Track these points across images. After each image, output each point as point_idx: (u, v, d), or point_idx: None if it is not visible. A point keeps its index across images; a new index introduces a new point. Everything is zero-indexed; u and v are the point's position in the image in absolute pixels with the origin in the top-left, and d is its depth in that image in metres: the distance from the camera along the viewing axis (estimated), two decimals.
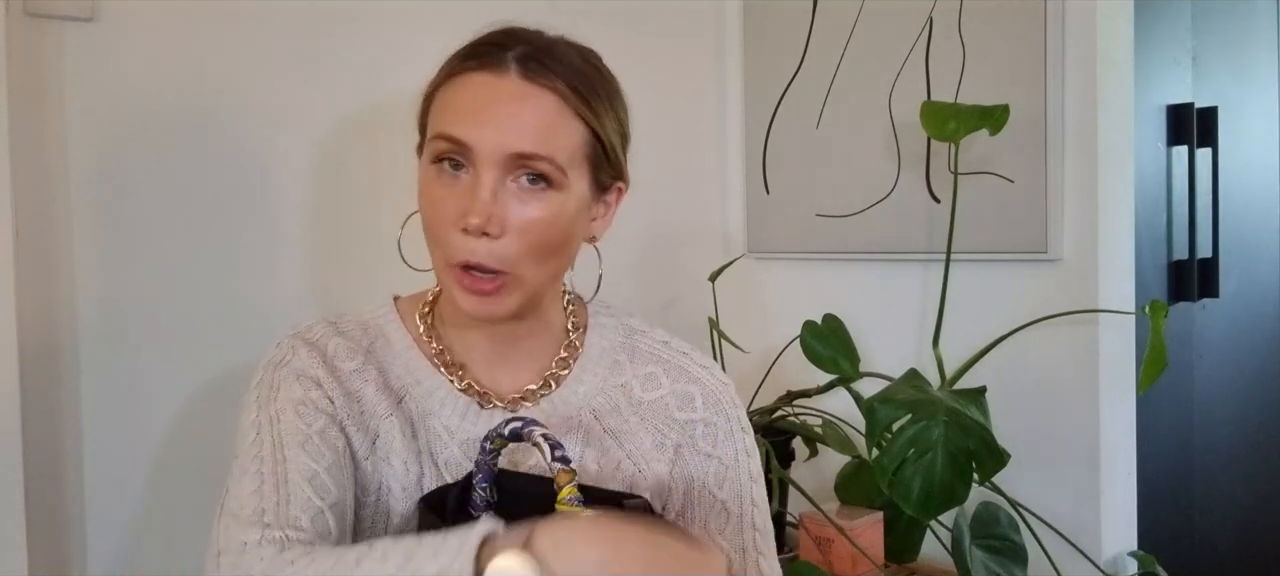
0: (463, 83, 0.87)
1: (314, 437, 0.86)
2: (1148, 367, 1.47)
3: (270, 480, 0.82)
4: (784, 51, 1.89)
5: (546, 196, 0.86)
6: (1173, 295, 1.93)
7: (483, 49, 0.88)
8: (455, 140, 0.85)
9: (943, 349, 1.60)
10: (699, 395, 0.99)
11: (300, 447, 0.85)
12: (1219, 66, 2.04)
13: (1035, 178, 1.60)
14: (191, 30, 1.36)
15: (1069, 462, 1.61)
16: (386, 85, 1.51)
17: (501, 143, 0.84)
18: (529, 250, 0.86)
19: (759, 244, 1.96)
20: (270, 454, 0.84)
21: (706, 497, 0.97)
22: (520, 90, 0.85)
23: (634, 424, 0.97)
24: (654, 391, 0.98)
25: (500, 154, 0.84)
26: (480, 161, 0.85)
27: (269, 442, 0.85)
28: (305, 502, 0.81)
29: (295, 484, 0.82)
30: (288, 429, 0.86)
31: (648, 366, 0.99)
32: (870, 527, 1.57)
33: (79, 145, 1.29)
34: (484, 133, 0.84)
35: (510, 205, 0.85)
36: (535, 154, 0.85)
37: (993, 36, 1.64)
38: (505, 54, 0.86)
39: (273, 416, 0.87)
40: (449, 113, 0.87)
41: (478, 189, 0.84)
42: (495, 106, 0.85)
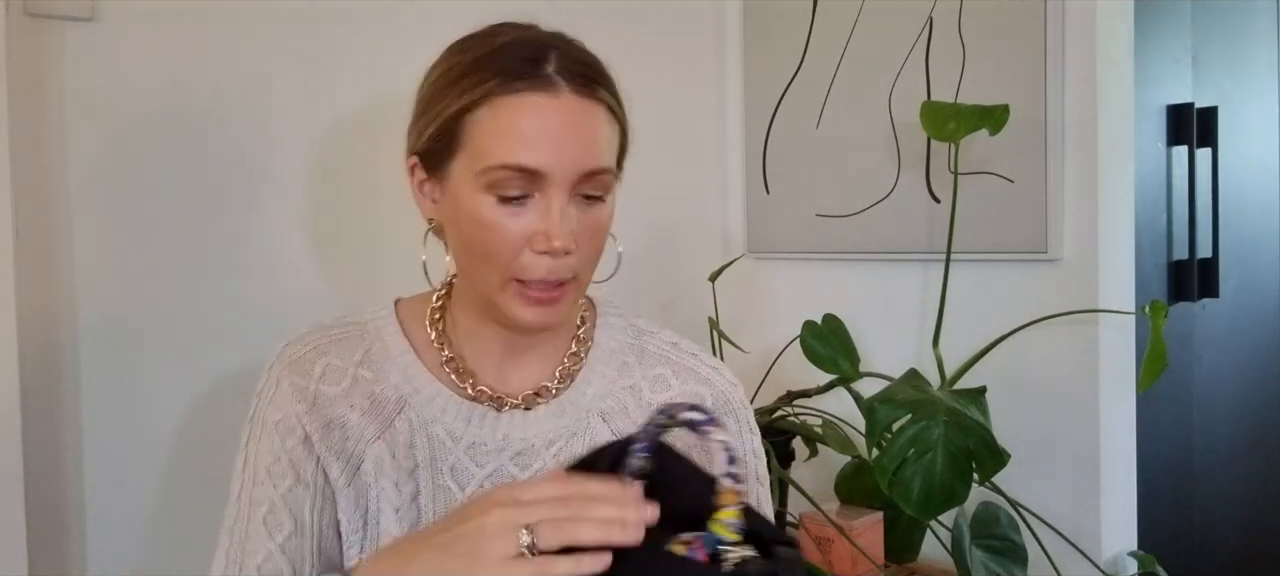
0: (514, 106, 0.84)
1: (278, 505, 0.90)
2: (1148, 367, 1.47)
3: (235, 559, 0.90)
4: (784, 51, 1.89)
5: (601, 206, 0.89)
6: (1173, 295, 1.93)
7: (521, 67, 0.85)
8: (524, 169, 0.83)
9: (943, 349, 1.60)
10: (709, 396, 0.99)
11: (262, 522, 0.90)
12: (1219, 66, 2.04)
13: (1035, 178, 1.60)
14: (191, 30, 1.36)
15: (1069, 462, 1.61)
16: (388, 84, 1.51)
17: (576, 165, 0.84)
18: (592, 256, 0.89)
19: (759, 244, 1.96)
20: (241, 528, 0.91)
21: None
22: (579, 108, 0.85)
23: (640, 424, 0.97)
24: (663, 393, 0.98)
25: (573, 176, 0.85)
26: (552, 186, 0.84)
27: (241, 514, 0.91)
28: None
29: (249, 562, 0.90)
30: (256, 497, 0.91)
31: (657, 368, 0.99)
32: (870, 527, 1.57)
33: (79, 145, 1.29)
34: (557, 158, 0.84)
35: (577, 222, 0.86)
36: (601, 169, 0.86)
37: (993, 36, 1.64)
38: (546, 69, 0.85)
39: (250, 476, 0.92)
40: (510, 142, 0.83)
41: (551, 212, 0.84)
42: (560, 130, 0.84)
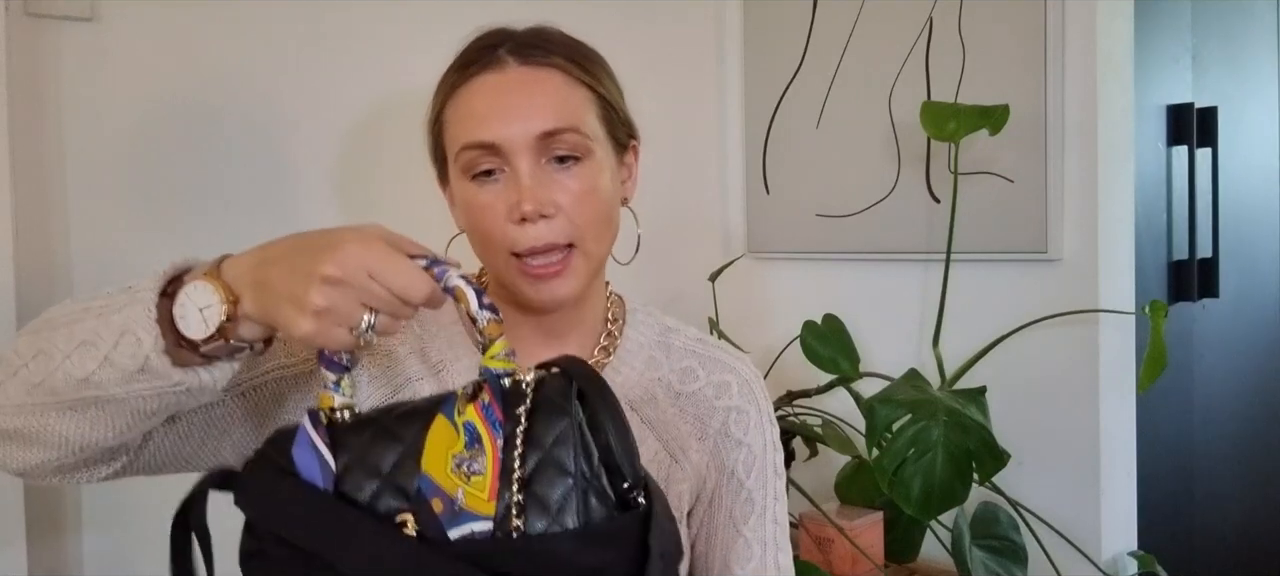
0: (467, 92, 0.89)
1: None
2: (1148, 367, 1.47)
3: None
4: (784, 51, 1.89)
5: (581, 169, 0.88)
6: (1173, 295, 1.93)
7: (474, 55, 0.90)
8: (482, 144, 0.86)
9: (943, 349, 1.60)
10: (735, 383, 1.00)
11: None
12: (1219, 66, 2.04)
13: (1035, 178, 1.60)
14: (191, 30, 1.36)
15: (1069, 462, 1.61)
16: (389, 83, 1.51)
17: (526, 129, 0.86)
18: (587, 222, 0.88)
19: (759, 244, 1.96)
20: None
21: (735, 484, 0.98)
22: (524, 76, 0.88)
23: (672, 415, 0.98)
24: (692, 383, 1.00)
25: (528, 139, 0.86)
26: (512, 154, 0.86)
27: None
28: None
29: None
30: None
31: (684, 361, 1.01)
32: (870, 527, 1.57)
33: (79, 145, 1.29)
34: (507, 126, 0.86)
35: (553, 187, 0.87)
36: (559, 128, 0.86)
37: (993, 36, 1.64)
38: (498, 50, 0.89)
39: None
40: (466, 123, 0.88)
41: (519, 179, 0.86)
42: (507, 98, 0.87)
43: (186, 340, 0.70)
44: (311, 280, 0.67)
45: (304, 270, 0.68)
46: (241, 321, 0.71)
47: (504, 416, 0.68)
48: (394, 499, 0.68)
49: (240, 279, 0.71)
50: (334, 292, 0.67)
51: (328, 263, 0.67)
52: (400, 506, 0.68)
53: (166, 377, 0.70)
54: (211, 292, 0.70)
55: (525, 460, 0.66)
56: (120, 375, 0.70)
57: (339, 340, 0.69)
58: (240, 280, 0.70)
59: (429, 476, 0.67)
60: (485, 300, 0.69)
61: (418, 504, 0.67)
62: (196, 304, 0.70)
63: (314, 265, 0.67)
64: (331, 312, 0.68)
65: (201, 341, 0.70)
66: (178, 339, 0.70)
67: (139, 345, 0.69)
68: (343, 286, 0.67)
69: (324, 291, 0.67)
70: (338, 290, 0.67)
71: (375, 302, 0.69)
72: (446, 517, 0.66)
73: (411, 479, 0.68)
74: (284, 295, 0.68)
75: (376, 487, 0.68)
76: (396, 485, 0.68)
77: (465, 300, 0.69)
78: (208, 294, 0.70)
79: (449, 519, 0.66)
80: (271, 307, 0.69)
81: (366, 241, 0.68)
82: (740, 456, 0.98)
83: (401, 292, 0.69)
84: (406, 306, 0.70)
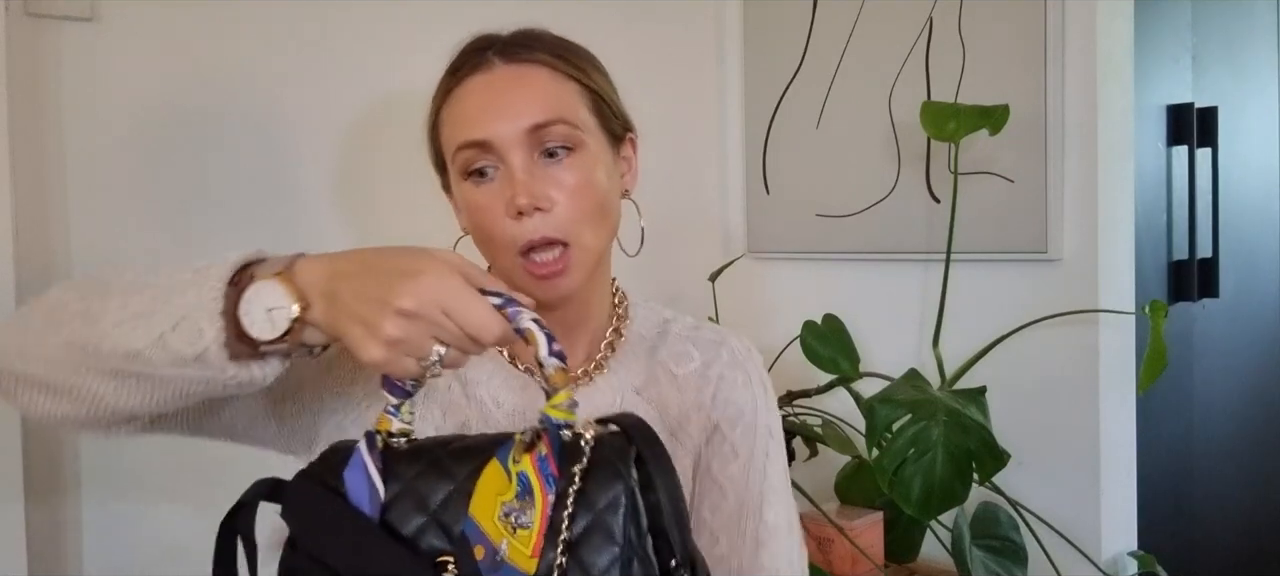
0: (458, 94, 0.90)
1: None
2: (1148, 367, 1.47)
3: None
4: (784, 51, 1.89)
5: (575, 161, 0.89)
6: (1173, 295, 1.93)
7: (463, 59, 0.92)
8: (474, 143, 0.87)
9: (943, 349, 1.60)
10: (724, 353, 1.02)
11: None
12: (1219, 66, 2.04)
13: (1035, 178, 1.60)
14: (192, 30, 1.36)
15: (1069, 462, 1.61)
16: (390, 83, 1.51)
17: (515, 124, 0.87)
18: (582, 216, 0.89)
19: (759, 244, 1.96)
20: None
21: (718, 438, 0.99)
22: (512, 74, 0.89)
23: (671, 394, 0.99)
24: (687, 365, 1.01)
25: (517, 134, 0.87)
26: (505, 150, 0.87)
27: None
28: None
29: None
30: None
31: (680, 347, 1.02)
32: (870, 527, 1.57)
33: (79, 145, 1.29)
34: (496, 123, 0.87)
35: (547, 181, 0.88)
36: (548, 120, 0.87)
37: (993, 36, 1.64)
38: (486, 53, 0.91)
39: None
40: (459, 124, 0.89)
41: (513, 174, 0.87)
42: (495, 96, 0.88)
43: (247, 336, 0.70)
44: (386, 309, 0.67)
45: (379, 296, 0.67)
46: (307, 327, 0.70)
47: (559, 471, 0.66)
48: (437, 537, 0.67)
49: (313, 286, 0.70)
50: (408, 325, 0.67)
51: (405, 295, 0.67)
52: (443, 547, 0.67)
53: (221, 371, 0.70)
54: (283, 295, 0.69)
55: (574, 521, 0.65)
56: (172, 358, 0.69)
57: (407, 370, 0.69)
58: (312, 287, 0.70)
59: (475, 521, 0.66)
60: (556, 347, 0.68)
61: (460, 548, 0.66)
62: (265, 303, 0.69)
63: (390, 294, 0.67)
64: (403, 343, 0.67)
65: (266, 340, 0.70)
66: (238, 332, 0.70)
67: (200, 336, 0.69)
68: (417, 320, 0.67)
69: (398, 322, 0.67)
70: (412, 323, 0.67)
71: (447, 338, 0.68)
72: (486, 567, 0.65)
73: (458, 519, 0.66)
74: (356, 316, 0.68)
75: (422, 523, 0.68)
76: (442, 523, 0.67)
77: (536, 343, 0.68)
78: (279, 295, 0.69)
79: (489, 568, 0.65)
80: (341, 325, 0.69)
81: (443, 276, 0.68)
82: (727, 414, 1.00)
83: (474, 332, 0.68)
84: (475, 346, 0.69)
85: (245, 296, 0.70)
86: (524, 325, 0.68)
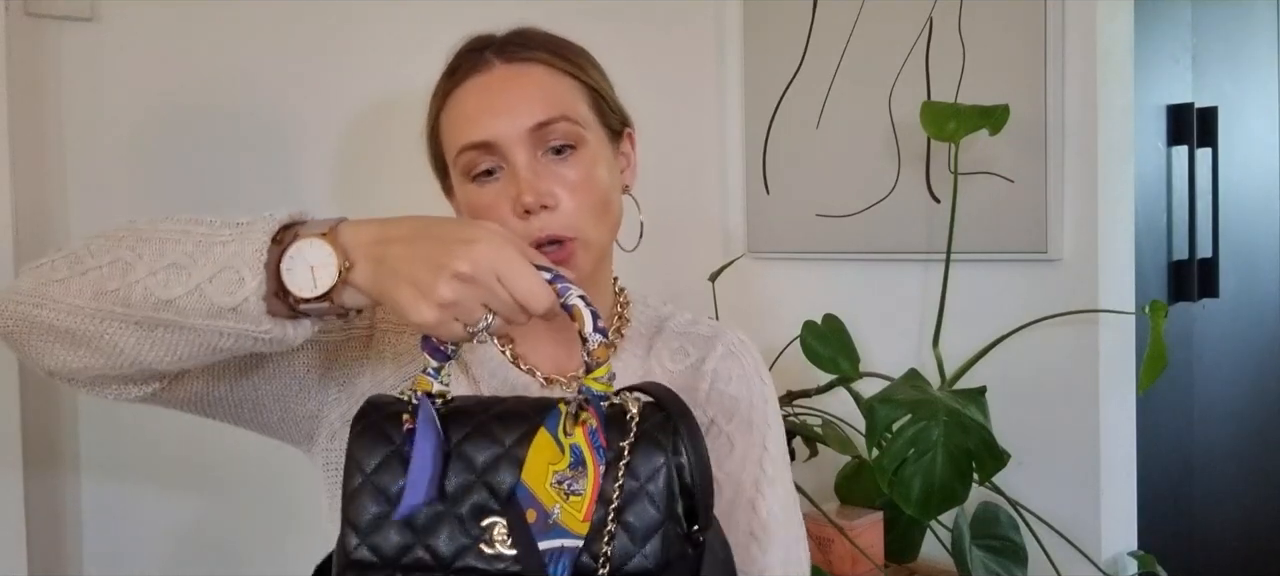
0: (457, 96, 0.91)
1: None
2: (1148, 367, 1.47)
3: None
4: (784, 51, 1.89)
5: (577, 158, 0.90)
6: (1173, 295, 1.93)
7: (460, 60, 0.92)
8: (477, 144, 0.88)
9: (943, 349, 1.60)
10: (720, 346, 1.02)
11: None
12: (1219, 66, 2.04)
13: (1035, 178, 1.60)
14: (192, 30, 1.36)
15: (1069, 462, 1.61)
16: (391, 83, 1.51)
17: (517, 122, 0.87)
18: (586, 211, 0.89)
19: (759, 244, 1.96)
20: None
21: (715, 431, 0.99)
22: (510, 73, 0.90)
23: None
24: (683, 361, 1.01)
25: (520, 132, 0.87)
26: (507, 150, 0.87)
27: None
28: None
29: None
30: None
31: (675, 342, 1.02)
32: (870, 527, 1.57)
33: (79, 145, 1.29)
34: (498, 122, 0.87)
35: (552, 178, 0.88)
36: (550, 118, 0.88)
37: (993, 36, 1.64)
38: (483, 53, 0.91)
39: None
40: (459, 126, 0.90)
41: (517, 173, 0.87)
42: (495, 96, 0.89)
43: (286, 292, 0.70)
44: (443, 272, 0.68)
45: (435, 260, 0.68)
46: (348, 288, 0.71)
47: (607, 443, 0.71)
48: (483, 496, 0.71)
49: (358, 248, 0.70)
50: (463, 289, 0.68)
51: (462, 259, 0.68)
52: (488, 506, 0.71)
53: (256, 324, 0.70)
54: (328, 253, 0.70)
55: (623, 489, 0.70)
56: (208, 309, 0.69)
57: (454, 334, 0.70)
58: (357, 249, 0.70)
59: (528, 487, 0.70)
60: (599, 324, 0.71)
61: (510, 509, 0.70)
62: (309, 260, 0.70)
63: (447, 257, 0.68)
64: (456, 307, 0.68)
65: (306, 298, 0.70)
66: (276, 289, 0.70)
67: (240, 285, 0.69)
68: (472, 284, 0.68)
69: (453, 286, 0.68)
70: (467, 287, 0.68)
71: (497, 305, 0.69)
72: (538, 529, 0.69)
73: (503, 482, 0.71)
74: (408, 278, 0.69)
75: (469, 481, 0.72)
76: (489, 484, 0.71)
77: (582, 320, 0.71)
78: (323, 253, 0.70)
79: (541, 531, 0.69)
80: (389, 286, 0.69)
81: (499, 244, 0.69)
82: (723, 406, 0.99)
83: (525, 300, 0.69)
84: (523, 315, 0.70)
85: (288, 253, 0.70)
86: (572, 301, 0.71)
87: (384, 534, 0.71)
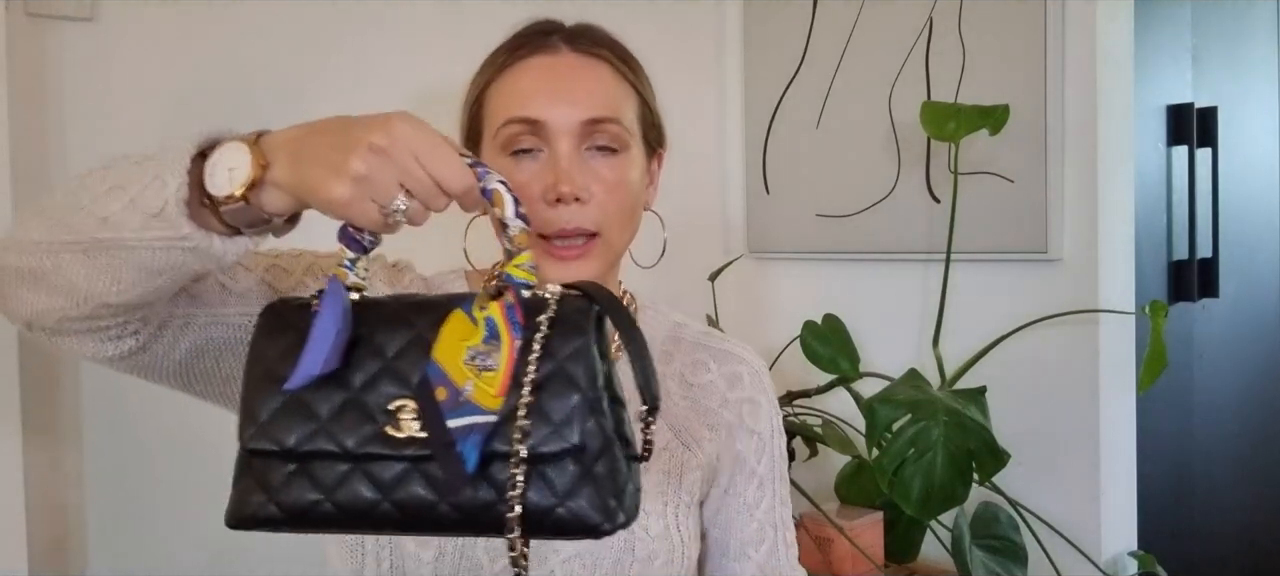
0: (517, 71, 0.91)
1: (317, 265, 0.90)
2: (1148, 367, 1.47)
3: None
4: (784, 51, 1.89)
5: (617, 160, 0.91)
6: (1173, 295, 1.93)
7: (527, 38, 0.92)
8: (527, 120, 0.88)
9: (943, 349, 1.60)
10: (746, 374, 1.02)
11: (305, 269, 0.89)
12: (1219, 66, 2.04)
13: (1035, 178, 1.60)
14: (192, 30, 1.36)
15: (1069, 462, 1.61)
16: (393, 82, 1.51)
17: (573, 112, 0.88)
18: (615, 212, 0.90)
19: (759, 244, 1.96)
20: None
21: (747, 471, 1.00)
22: (577, 62, 0.91)
23: (684, 407, 0.99)
24: (703, 376, 1.01)
25: (573, 123, 0.88)
26: (555, 135, 0.88)
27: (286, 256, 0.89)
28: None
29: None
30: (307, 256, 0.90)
31: (695, 354, 1.02)
32: (870, 527, 1.57)
33: (79, 145, 1.29)
34: (556, 107, 0.88)
35: (589, 173, 0.89)
36: (604, 117, 0.89)
37: (993, 36, 1.64)
38: (551, 37, 0.92)
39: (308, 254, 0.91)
40: (514, 98, 0.90)
41: (558, 160, 0.88)
42: (559, 81, 0.90)
43: (211, 199, 0.70)
44: (356, 146, 0.67)
45: (350, 138, 0.67)
46: (268, 187, 0.70)
47: (525, 321, 0.67)
48: (392, 385, 0.68)
49: (277, 148, 0.70)
50: (375, 161, 0.66)
51: (377, 132, 0.67)
52: (397, 393, 0.68)
53: (177, 228, 0.69)
54: (243, 153, 0.70)
55: (539, 367, 0.66)
56: (140, 219, 0.70)
57: (368, 215, 0.68)
58: (276, 149, 0.70)
59: (438, 365, 0.67)
60: (521, 210, 0.69)
61: (421, 390, 0.67)
62: (226, 164, 0.70)
63: (363, 133, 0.67)
64: (368, 182, 0.67)
65: (224, 198, 0.69)
66: (201, 198, 0.70)
67: (164, 187, 0.69)
68: (385, 157, 0.67)
69: (366, 158, 0.66)
70: (379, 159, 0.67)
71: (413, 185, 0.68)
72: (449, 407, 0.65)
73: (414, 368, 0.68)
74: (322, 160, 0.68)
75: (377, 369, 0.69)
76: (397, 371, 0.68)
77: (502, 204, 0.69)
78: (239, 155, 0.70)
79: (452, 409, 0.65)
80: (306, 171, 0.68)
81: (418, 125, 0.68)
82: (753, 445, 1.00)
83: (441, 180, 0.68)
84: (442, 197, 0.69)
85: (210, 159, 0.70)
86: (491, 185, 0.69)
87: (284, 423, 0.68)
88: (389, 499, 0.67)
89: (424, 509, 0.67)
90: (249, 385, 0.71)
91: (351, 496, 0.68)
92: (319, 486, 0.68)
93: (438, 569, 0.89)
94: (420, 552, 0.89)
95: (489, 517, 0.65)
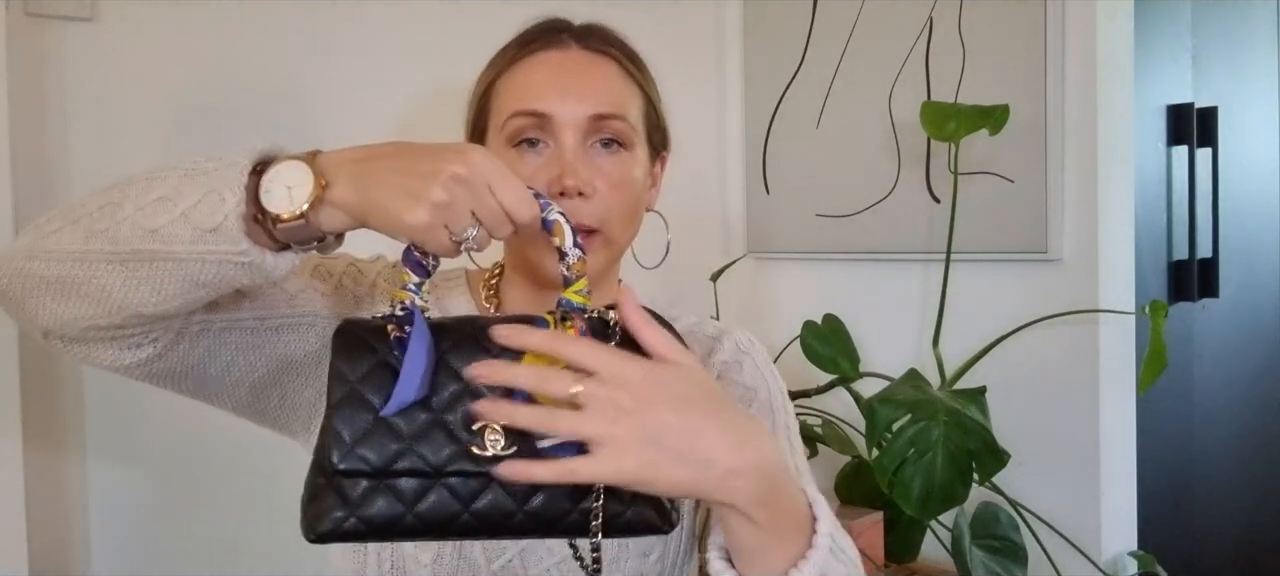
0: (527, 65, 0.92)
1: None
2: (1148, 367, 1.47)
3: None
4: (784, 51, 1.89)
5: (622, 157, 0.92)
6: (1173, 295, 1.93)
7: (537, 34, 0.94)
8: (535, 113, 0.89)
9: (943, 349, 1.60)
10: (726, 344, 1.02)
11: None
12: (1219, 66, 2.04)
13: (1035, 178, 1.60)
14: (192, 30, 1.36)
15: (1069, 462, 1.61)
16: (394, 83, 1.51)
17: (580, 108, 0.89)
18: (618, 208, 0.91)
19: (759, 244, 1.96)
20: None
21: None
22: (586, 59, 0.93)
23: None
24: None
25: (580, 118, 0.89)
26: (561, 129, 0.89)
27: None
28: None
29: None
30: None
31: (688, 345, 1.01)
32: (870, 527, 1.57)
33: (79, 145, 1.29)
34: (563, 101, 0.89)
35: (594, 169, 0.90)
36: (611, 114, 0.90)
37: (993, 36, 1.64)
38: (561, 34, 0.94)
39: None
40: (521, 91, 0.91)
41: (563, 154, 0.89)
42: (567, 76, 0.91)
43: (267, 215, 0.71)
44: (438, 175, 0.69)
45: (427, 165, 0.70)
46: (326, 207, 0.71)
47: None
48: (472, 403, 0.71)
49: (335, 168, 0.72)
50: (457, 191, 0.69)
51: (457, 162, 0.70)
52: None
53: (235, 244, 0.70)
54: (302, 172, 0.71)
55: None
56: (192, 232, 0.70)
57: (440, 241, 0.71)
58: (334, 168, 0.72)
59: (526, 393, 0.70)
60: (579, 240, 0.75)
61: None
62: (285, 181, 0.71)
63: (441, 162, 0.70)
64: (447, 210, 0.69)
65: (283, 217, 0.70)
66: (256, 215, 0.71)
67: (221, 203, 0.70)
68: (466, 187, 0.70)
69: (449, 187, 0.69)
70: (461, 189, 0.70)
71: (484, 214, 0.71)
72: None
73: (492, 389, 0.71)
74: (397, 185, 0.70)
75: (458, 389, 0.72)
76: (476, 393, 0.71)
77: (561, 234, 0.74)
78: (298, 173, 0.71)
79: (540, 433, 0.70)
80: (376, 194, 0.70)
81: (491, 157, 0.72)
82: (737, 393, 0.99)
83: (511, 209, 0.71)
84: (509, 225, 0.72)
85: (266, 177, 0.71)
86: (552, 216, 0.75)
87: (372, 443, 0.71)
88: (469, 510, 0.72)
89: (504, 517, 0.72)
90: (335, 405, 0.73)
91: (433, 509, 0.72)
92: (401, 499, 0.72)
93: (436, 570, 0.89)
94: (419, 553, 0.89)
95: (565, 523, 0.73)
